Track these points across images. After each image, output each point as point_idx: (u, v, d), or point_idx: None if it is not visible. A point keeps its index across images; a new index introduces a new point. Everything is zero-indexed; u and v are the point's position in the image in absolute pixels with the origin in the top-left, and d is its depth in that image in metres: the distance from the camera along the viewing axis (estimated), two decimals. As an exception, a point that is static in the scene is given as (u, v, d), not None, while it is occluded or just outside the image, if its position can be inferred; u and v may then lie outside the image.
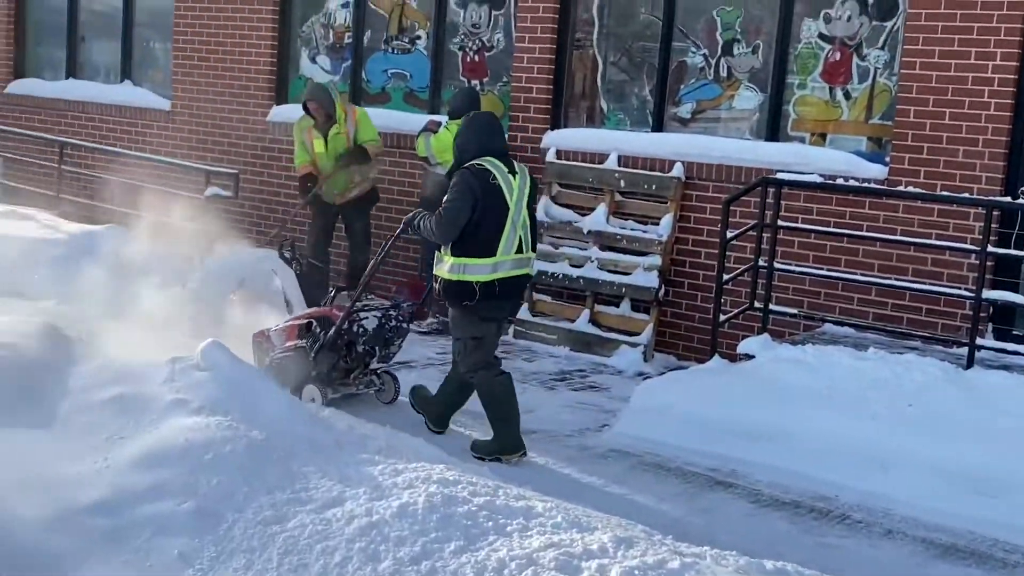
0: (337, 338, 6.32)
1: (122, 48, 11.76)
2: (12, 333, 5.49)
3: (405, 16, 9.73)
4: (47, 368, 5.27)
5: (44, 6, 12.65)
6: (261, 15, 10.37)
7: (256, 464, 4.58)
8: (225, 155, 10.67)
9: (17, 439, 4.75)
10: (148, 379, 5.14)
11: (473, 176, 5.60)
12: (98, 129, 11.69)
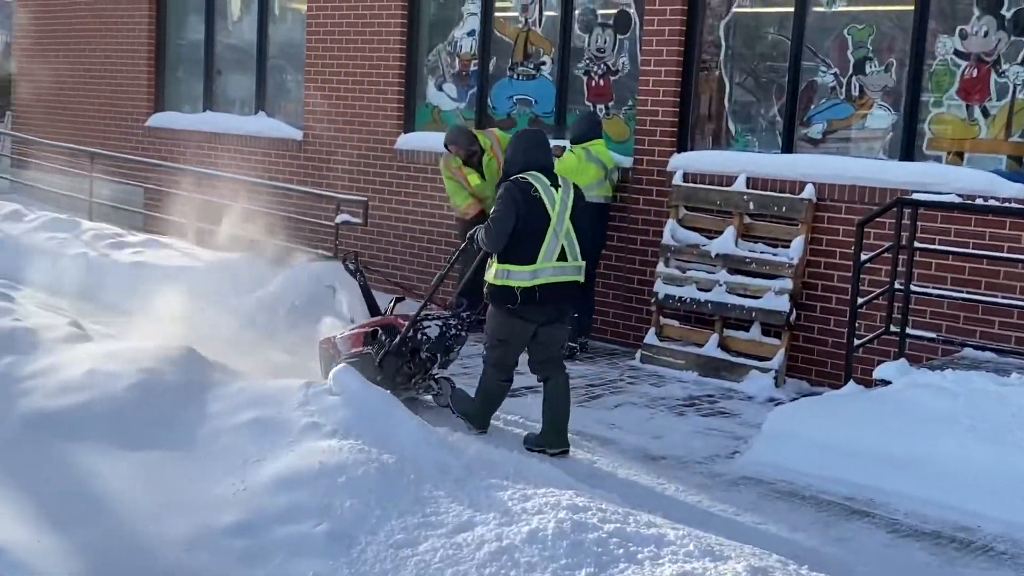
0: (402, 345, 6.60)
1: (256, 81, 12.13)
2: (154, 358, 5.67)
3: (530, 42, 9.80)
4: (187, 392, 5.43)
5: (182, 42, 13.16)
6: (389, 45, 10.56)
7: (388, 487, 4.62)
8: (355, 183, 10.89)
9: (159, 462, 4.91)
10: (283, 403, 5.24)
11: (517, 188, 5.95)
12: (233, 159, 12.06)
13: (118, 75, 13.45)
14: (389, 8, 10.52)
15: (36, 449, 4.93)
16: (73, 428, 5.07)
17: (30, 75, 14.93)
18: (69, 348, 5.79)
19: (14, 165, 14.98)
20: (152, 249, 10.24)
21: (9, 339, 5.84)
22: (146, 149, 12.93)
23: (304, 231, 10.97)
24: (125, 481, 4.75)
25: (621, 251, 8.96)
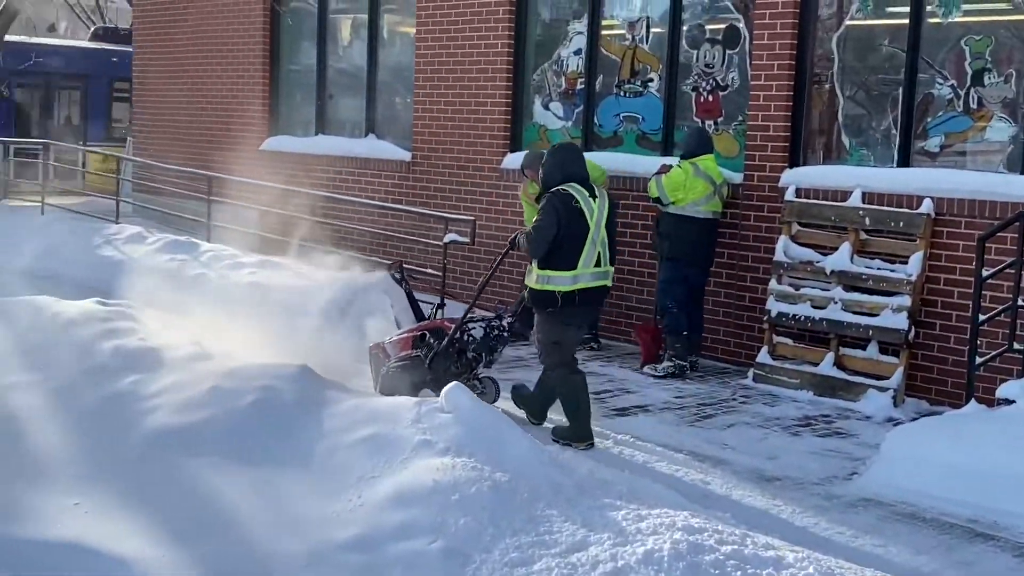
0: (449, 346, 6.95)
1: (366, 104, 12.34)
2: (271, 376, 5.79)
3: (637, 59, 9.78)
4: (303, 409, 5.53)
5: (295, 68, 13.46)
6: (496, 66, 10.65)
7: (501, 506, 4.64)
8: (462, 202, 10.98)
9: (278, 477, 5.00)
10: (396, 420, 5.30)
11: (559, 199, 6.31)
12: (344, 181, 12.28)
13: (234, 101, 13.82)
14: (496, 29, 10.61)
15: (161, 464, 5.08)
16: (196, 444, 5.20)
17: (150, 102, 15.43)
18: (191, 366, 5.94)
19: (136, 189, 15.48)
20: (267, 270, 10.47)
21: (135, 358, 6.03)
22: (261, 172, 13.23)
23: (413, 250, 11.10)
24: (245, 496, 4.86)
25: (731, 268, 8.85)
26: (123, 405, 5.60)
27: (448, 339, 6.95)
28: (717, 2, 9.24)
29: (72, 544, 4.45)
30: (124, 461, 5.16)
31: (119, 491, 4.90)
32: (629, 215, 9.54)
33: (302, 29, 13.17)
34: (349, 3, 12.81)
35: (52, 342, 6.36)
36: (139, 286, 10.56)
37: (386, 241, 11.58)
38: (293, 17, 13.14)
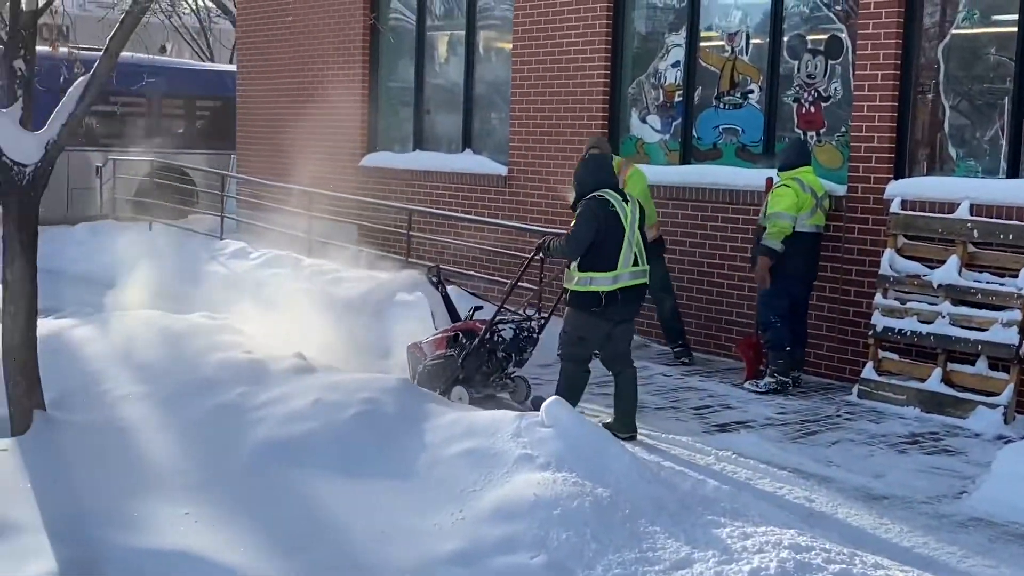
0: (480, 346, 7.34)
1: (463, 119, 12.43)
2: (373, 388, 5.86)
3: (736, 71, 9.68)
4: (405, 422, 5.59)
5: (393, 84, 13.63)
6: (592, 80, 10.65)
7: (603, 521, 4.62)
8: (558, 216, 10.98)
9: (381, 489, 5.06)
10: (496, 434, 5.32)
11: (597, 205, 6.65)
12: (441, 196, 12.38)
13: (333, 118, 14.04)
14: (593, 43, 10.61)
15: (267, 476, 5.17)
16: (301, 456, 5.29)
17: (252, 120, 15.77)
18: (295, 379, 6.05)
19: (239, 205, 15.82)
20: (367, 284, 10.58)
21: (241, 371, 6.15)
22: (360, 188, 13.43)
23: (510, 265, 11.13)
24: (349, 507, 4.92)
25: (835, 282, 8.69)
26: (230, 417, 5.72)
27: (479, 339, 7.35)
28: (818, 12, 9.10)
29: (183, 553, 4.55)
30: (232, 472, 5.26)
31: (227, 501, 4.99)
32: (729, 228, 9.44)
33: (400, 46, 13.33)
34: (446, 20, 12.94)
35: (162, 355, 6.53)
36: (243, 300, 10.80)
37: (483, 255, 11.63)
38: (390, 33, 13.31)
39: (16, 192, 5.70)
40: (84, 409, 5.89)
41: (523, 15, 11.28)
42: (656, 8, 10.42)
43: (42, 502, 4.92)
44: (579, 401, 6.88)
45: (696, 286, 9.71)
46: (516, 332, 7.54)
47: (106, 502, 4.96)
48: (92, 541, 4.62)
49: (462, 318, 7.87)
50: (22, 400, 5.73)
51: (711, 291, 9.63)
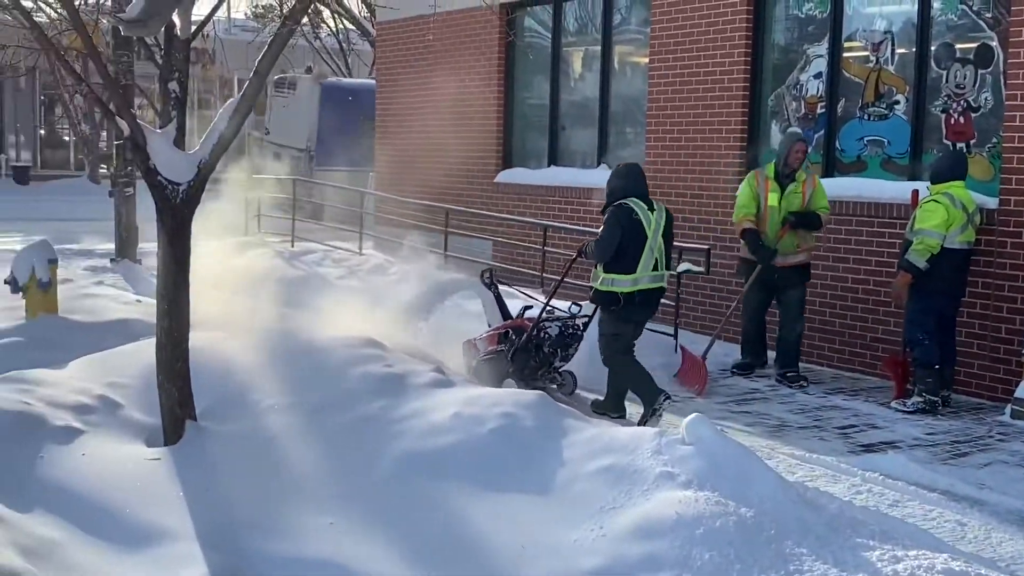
0: (528, 342, 7.83)
1: (598, 134, 12.42)
2: (511, 403, 5.86)
3: (881, 81, 9.43)
4: (543, 437, 5.57)
5: (528, 100, 13.71)
6: (731, 92, 10.51)
7: (747, 542, 4.52)
8: (695, 231, 10.86)
9: (520, 504, 5.05)
10: (636, 451, 5.26)
11: (622, 212, 7.23)
12: (576, 212, 12.38)
13: (470, 134, 14.20)
14: (731, 56, 10.47)
15: (408, 487, 5.22)
16: (441, 469, 5.32)
17: (390, 138, 16.07)
18: (435, 393, 6.09)
19: (377, 222, 16.12)
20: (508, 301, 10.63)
21: (381, 384, 6.23)
22: (495, 204, 13.53)
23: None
24: (489, 521, 4.93)
25: (986, 298, 8.36)
26: (371, 429, 5.79)
27: (526, 336, 7.86)
28: (966, 19, 8.80)
29: (327, 562, 4.62)
30: (373, 483, 5.33)
31: (369, 512, 5.06)
32: (874, 243, 9.18)
33: (535, 63, 13.41)
34: (581, 36, 12.96)
35: (306, 367, 6.65)
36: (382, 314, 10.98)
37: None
38: (526, 51, 13.40)
39: (170, 209, 5.90)
40: (233, 419, 6.04)
41: (660, 28, 11.22)
42: (797, 18, 10.22)
43: (194, 510, 5.06)
44: (645, 371, 7.39)
45: (840, 302, 9.47)
46: (561, 329, 7.98)
47: (254, 510, 5.08)
48: (241, 548, 4.73)
49: (512, 316, 8.36)
50: (175, 410, 5.92)
51: (855, 307, 9.37)
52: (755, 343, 9.22)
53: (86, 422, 5.82)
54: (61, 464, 5.35)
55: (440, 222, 13.41)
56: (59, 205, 24.46)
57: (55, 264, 9.27)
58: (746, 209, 8.81)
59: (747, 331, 9.21)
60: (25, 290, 9.07)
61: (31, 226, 18.10)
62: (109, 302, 10.09)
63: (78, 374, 6.57)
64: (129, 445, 5.77)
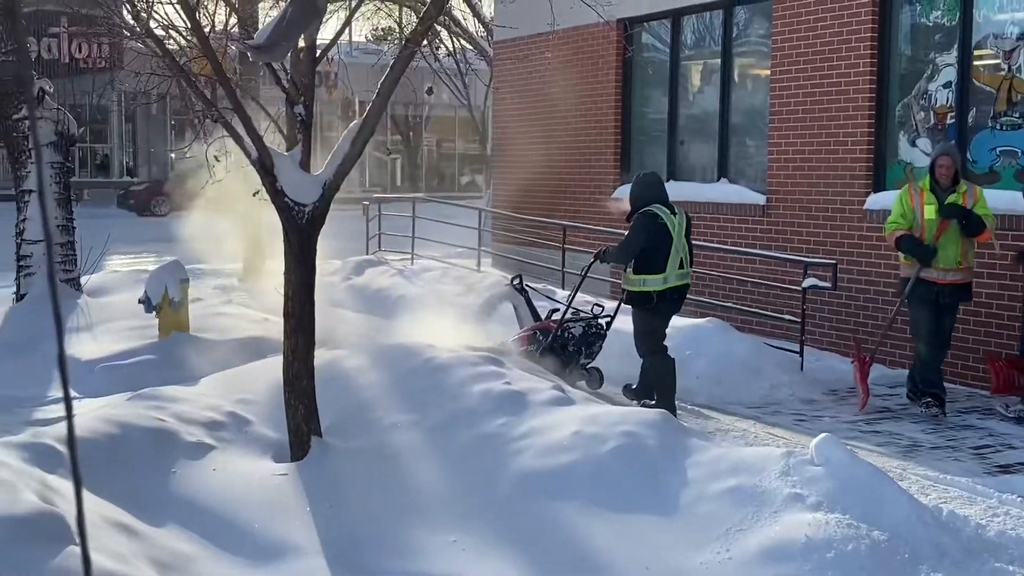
0: (553, 342, 8.46)
1: (718, 148, 12.26)
2: (633, 422, 5.80)
3: (1015, 90, 9.09)
4: (666, 456, 5.49)
5: (646, 113, 13.63)
6: (857, 104, 10.27)
7: (880, 566, 4.39)
8: (821, 246, 10.63)
9: (642, 525, 4.99)
10: (763, 471, 5.15)
11: (648, 218, 7.83)
12: (696, 226, 12.22)
13: (586, 150, 14.19)
14: (856, 67, 10.24)
15: (530, 506, 5.20)
16: (561, 488, 5.29)
17: (507, 155, 16.16)
18: (555, 410, 6.07)
19: (495, 239, 16.21)
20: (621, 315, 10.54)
21: (501, 401, 6.24)
22: (614, 219, 13.46)
23: (768, 296, 10.86)
24: (611, 542, 4.88)
25: None
26: (492, 447, 5.79)
27: (551, 336, 8.48)
28: (1108, 22, 8.44)
29: (451, 580, 4.63)
30: (494, 501, 5.33)
31: (491, 531, 5.06)
32: (1008, 257, 8.85)
33: (653, 77, 13.33)
34: (699, 49, 12.84)
35: (426, 385, 6.71)
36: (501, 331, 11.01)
37: (740, 287, 11.41)
38: (644, 65, 13.33)
39: (296, 230, 6.02)
40: (357, 436, 6.12)
41: (782, 40, 11.04)
42: (924, 27, 9.94)
43: (320, 526, 5.14)
44: (675, 384, 7.93)
45: (973, 318, 9.14)
46: (585, 329, 8.61)
47: (378, 527, 5.13)
48: (366, 565, 4.78)
49: (541, 318, 8.98)
50: (301, 426, 6.02)
51: (990, 323, 9.04)
52: (934, 371, 8.22)
53: (216, 438, 5.96)
54: (193, 479, 5.48)
55: (557, 239, 13.40)
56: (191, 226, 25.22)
57: (186, 284, 9.56)
58: (896, 224, 8.04)
59: (924, 358, 8.24)
60: (158, 309, 9.37)
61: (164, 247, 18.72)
62: (238, 320, 10.35)
63: (209, 391, 6.73)
64: (257, 461, 5.88)
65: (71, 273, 11.40)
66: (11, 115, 11.21)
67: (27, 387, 8.43)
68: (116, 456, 5.47)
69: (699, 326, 9.52)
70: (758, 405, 8.49)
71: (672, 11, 12.67)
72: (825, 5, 10.55)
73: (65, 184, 11.60)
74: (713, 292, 11.61)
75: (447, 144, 45.24)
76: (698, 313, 10.69)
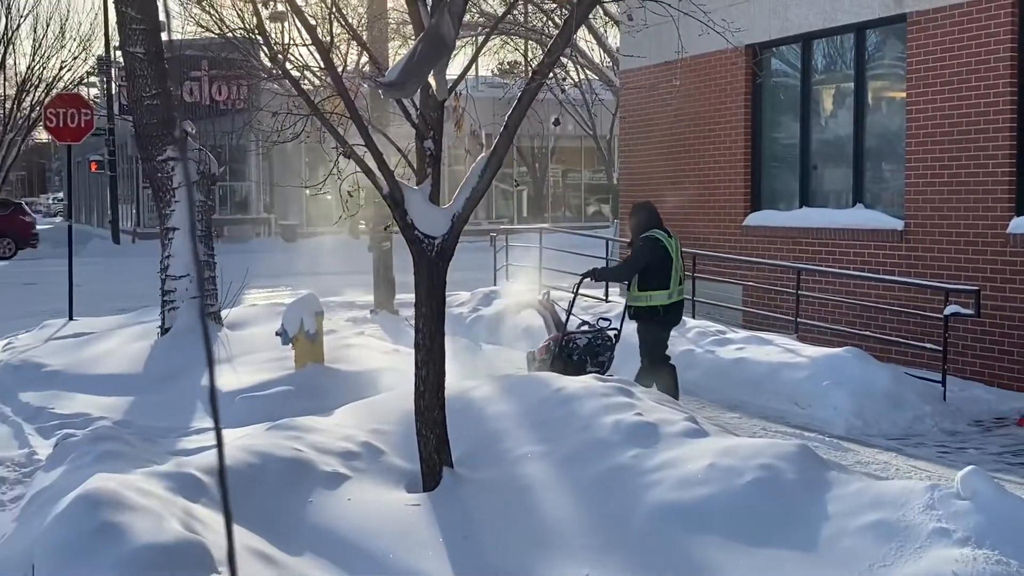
0: (560, 352, 9.18)
1: (853, 173, 11.98)
2: (770, 454, 5.67)
3: None
4: (805, 490, 5.34)
5: (777, 140, 13.42)
6: (997, 125, 9.93)
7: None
8: (962, 271, 10.27)
9: (780, 560, 4.86)
10: (906, 505, 4.97)
11: (652, 242, 8.80)
12: (831, 254, 11.96)
13: (714, 177, 14.04)
14: (996, 87, 9.91)
15: (664, 540, 5.12)
16: (696, 521, 5.19)
17: (633, 184, 16.09)
18: (688, 442, 5.98)
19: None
20: (754, 345, 10.39)
21: (633, 433, 6.17)
22: (744, 247, 13.27)
23: (908, 324, 10.53)
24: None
25: None
26: (625, 479, 5.73)
27: (557, 346, 9.22)
28: None
29: (584, 614, 4.58)
30: (628, 534, 5.26)
31: (626, 564, 4.99)
32: None
33: (783, 102, 13.13)
34: (831, 73, 12.60)
35: (556, 415, 6.69)
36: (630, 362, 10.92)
37: (878, 314, 11.09)
38: (774, 90, 13.14)
39: (426, 263, 6.09)
40: (488, 467, 6.13)
41: (917, 62, 10.76)
42: (1069, 42, 9.57)
43: (452, 557, 5.15)
44: (678, 391, 8.71)
45: None
46: (591, 340, 9.35)
47: (511, 558, 5.11)
48: (499, 597, 4.77)
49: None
50: (432, 457, 6.06)
51: None
52: None
53: (351, 468, 6.05)
54: (328, 509, 5.57)
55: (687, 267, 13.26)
56: (324, 260, 25.89)
57: (321, 316, 9.77)
58: None
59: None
60: (294, 341, 9.60)
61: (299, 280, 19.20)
62: (370, 351, 10.52)
63: (343, 421, 6.85)
64: (391, 491, 5.95)
65: (212, 307, 11.77)
66: (155, 156, 11.67)
67: (171, 417, 8.72)
68: (255, 485, 5.59)
69: (836, 355, 9.28)
70: (899, 437, 8.23)
71: (802, 35, 12.47)
72: (962, 25, 10.24)
73: (207, 221, 12.01)
74: (850, 320, 11.32)
75: (573, 174, 45.34)
76: (835, 342, 10.44)
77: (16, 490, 7.09)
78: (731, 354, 10.33)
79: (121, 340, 11.83)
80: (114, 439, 6.82)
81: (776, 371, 9.55)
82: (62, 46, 37.13)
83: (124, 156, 41.49)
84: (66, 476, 6.12)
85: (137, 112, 11.82)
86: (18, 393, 9.93)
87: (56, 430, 8.40)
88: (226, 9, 13.94)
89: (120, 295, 18.91)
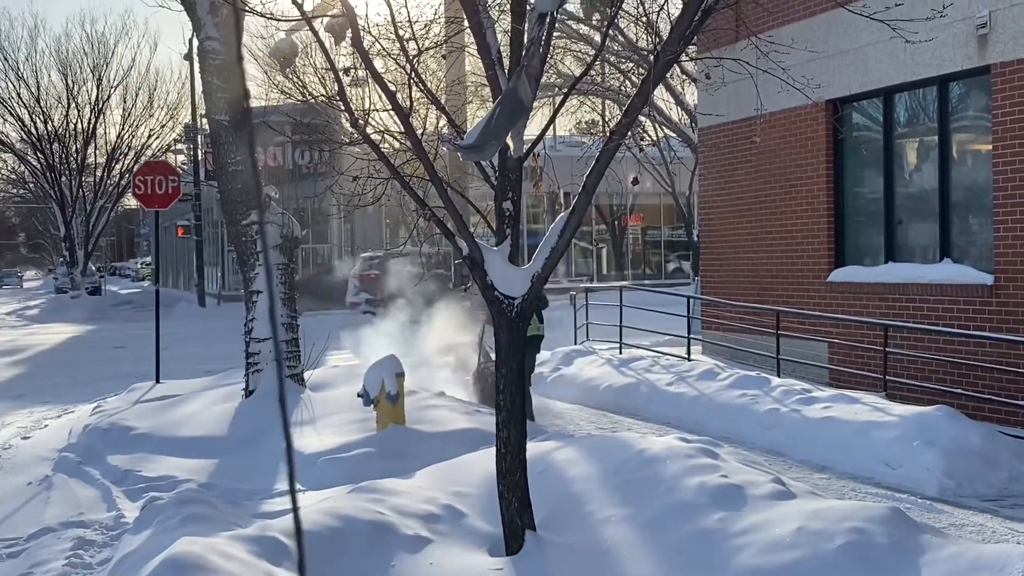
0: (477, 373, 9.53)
1: (939, 227, 11.75)
2: (860, 518, 5.51)
3: None
4: (898, 555, 5.18)
5: (860, 195, 13.23)
6: (1090, 174, 9.67)
7: None
8: (1057, 326, 9.96)
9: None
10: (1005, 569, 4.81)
11: None
12: (919, 309, 11.70)
13: (797, 233, 13.86)
14: (1087, 135, 9.66)
15: (752, 607, 4.99)
16: (786, 587, 5.06)
17: (715, 241, 15.97)
18: (775, 505, 5.84)
19: (705, 327, 15.98)
20: (841, 404, 10.16)
21: (719, 495, 6.05)
22: (828, 304, 13.05)
23: (1002, 381, 10.23)
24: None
25: None
26: (711, 543, 5.61)
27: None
28: None
29: None
30: (715, 600, 5.14)
31: (713, 632, 4.87)
32: None
33: (865, 156, 12.96)
34: (914, 126, 12.42)
35: (639, 477, 6.59)
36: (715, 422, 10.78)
37: (969, 371, 10.79)
38: (856, 145, 12.99)
39: (506, 322, 6.09)
40: (571, 530, 6.05)
41: (1003, 114, 10.56)
42: None
43: (535, 622, 5.07)
44: None
45: None
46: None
47: (595, 626, 5.02)
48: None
49: None
50: (515, 520, 6.01)
51: None
52: None
53: (433, 531, 6.01)
54: (411, 573, 5.53)
55: (771, 324, 13.07)
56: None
57: (402, 377, 9.80)
58: None
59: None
60: (376, 403, 9.64)
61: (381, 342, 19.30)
62: (451, 413, 10.51)
63: (425, 483, 6.83)
64: (473, 555, 5.89)
65: (295, 369, 11.89)
66: (240, 221, 11.90)
67: (256, 479, 8.78)
68: (337, 548, 5.59)
69: (927, 414, 9.03)
70: (994, 498, 7.95)
71: (883, 89, 12.33)
72: (1050, 73, 10.04)
73: (290, 284, 12.18)
74: (940, 377, 11.03)
75: (652, 231, 45.25)
76: (925, 400, 10.18)
77: (104, 553, 7.18)
78: (817, 413, 10.10)
79: (207, 402, 11.99)
80: (199, 502, 6.89)
81: (865, 430, 9.31)
82: (150, 115, 38.12)
83: (210, 221, 42.48)
84: (152, 539, 6.19)
85: (222, 178, 12.10)
86: (106, 456, 10.10)
87: (143, 493, 8.52)
88: (308, 76, 14.25)
89: (206, 357, 19.23)
